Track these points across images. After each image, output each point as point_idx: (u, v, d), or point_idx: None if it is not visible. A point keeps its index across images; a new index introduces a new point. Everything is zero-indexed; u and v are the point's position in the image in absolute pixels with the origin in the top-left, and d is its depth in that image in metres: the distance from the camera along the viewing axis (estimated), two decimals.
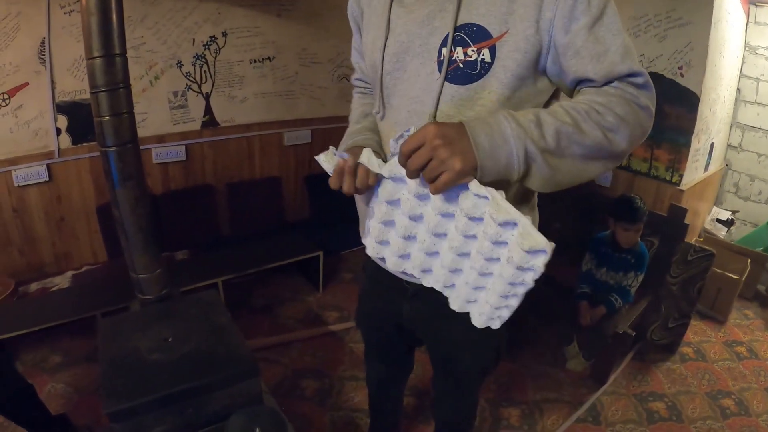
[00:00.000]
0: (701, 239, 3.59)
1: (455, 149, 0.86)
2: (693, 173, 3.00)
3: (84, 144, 3.25)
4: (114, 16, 1.66)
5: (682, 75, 2.72)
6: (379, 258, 1.18)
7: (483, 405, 2.49)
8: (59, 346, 3.05)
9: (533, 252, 0.92)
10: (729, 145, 3.56)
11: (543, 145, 0.90)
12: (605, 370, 2.73)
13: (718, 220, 3.67)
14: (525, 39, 0.96)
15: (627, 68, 0.94)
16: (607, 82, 0.96)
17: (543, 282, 0.99)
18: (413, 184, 0.99)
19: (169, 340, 1.64)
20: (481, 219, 0.96)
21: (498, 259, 0.99)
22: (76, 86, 3.14)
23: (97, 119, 1.74)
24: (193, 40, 3.43)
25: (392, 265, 1.16)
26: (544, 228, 0.95)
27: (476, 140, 0.87)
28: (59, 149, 3.17)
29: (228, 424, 1.57)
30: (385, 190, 1.04)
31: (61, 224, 3.31)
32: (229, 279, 3.11)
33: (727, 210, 3.72)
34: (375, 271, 1.43)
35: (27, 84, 3.01)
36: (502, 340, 1.42)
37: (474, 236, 0.99)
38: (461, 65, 1.00)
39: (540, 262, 0.93)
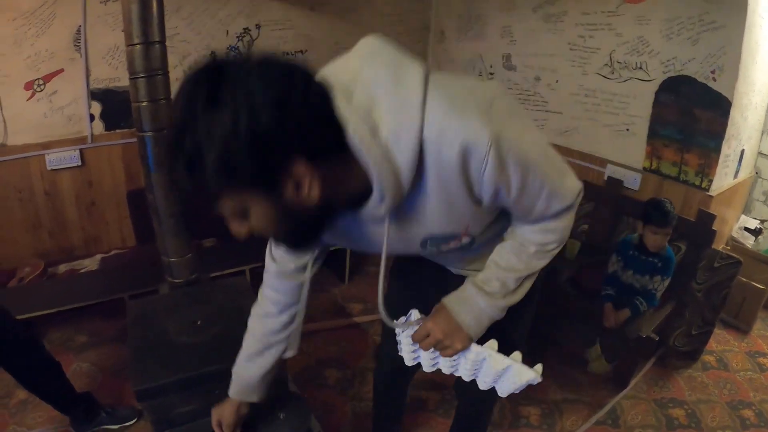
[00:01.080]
0: (728, 247, 3.54)
1: (453, 336, 1.16)
2: (722, 179, 2.96)
3: (117, 130, 3.30)
4: (154, 5, 1.69)
5: (714, 79, 2.68)
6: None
7: (503, 402, 2.49)
8: (86, 326, 3.11)
9: (527, 382, 1.19)
10: (760, 153, 3.50)
11: (511, 299, 1.18)
12: (627, 373, 2.71)
13: (746, 229, 3.61)
14: (479, 213, 1.06)
15: (555, 211, 1.09)
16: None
17: (568, 283, 1.16)
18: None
19: (198, 323, 1.67)
20: (484, 359, 1.21)
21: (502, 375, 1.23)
22: (110, 74, 3.20)
23: (135, 104, 1.78)
24: (227, 31, 3.46)
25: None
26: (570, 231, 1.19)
27: (464, 323, 1.16)
28: (92, 135, 3.23)
29: (253, 406, 1.59)
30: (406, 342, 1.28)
31: (92, 208, 3.37)
32: (256, 267, 3.11)
33: (755, 219, 3.66)
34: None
35: (62, 70, 3.07)
36: (526, 327, 1.53)
37: (481, 366, 1.24)
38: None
39: (533, 381, 1.18)
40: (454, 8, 3.99)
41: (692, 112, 2.78)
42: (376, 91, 0.89)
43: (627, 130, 3.07)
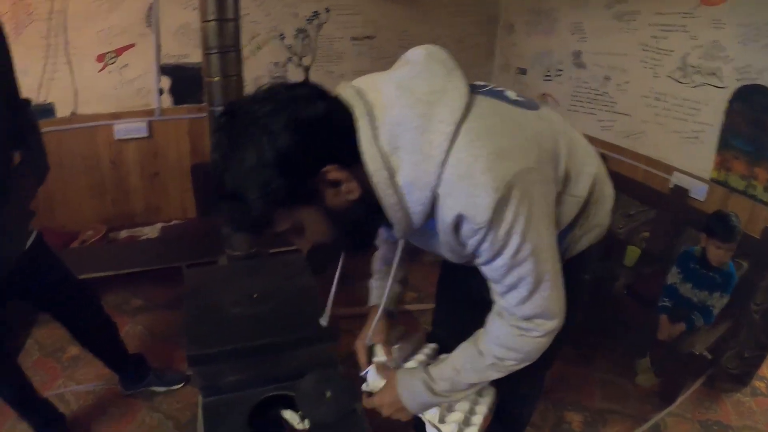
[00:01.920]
0: None
1: (396, 410, 1.25)
2: None
3: (185, 105, 3.39)
4: None
5: None
6: None
7: (548, 405, 2.46)
8: (141, 291, 3.23)
9: None
10: None
11: (458, 395, 1.22)
12: (674, 390, 2.62)
13: None
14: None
15: (521, 313, 1.05)
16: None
17: (625, 290, 1.12)
18: None
19: (255, 296, 1.71)
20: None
21: None
22: (180, 50, 3.28)
23: (207, 79, 1.82)
24: (297, 13, 3.49)
25: None
26: (631, 237, 1.14)
27: (407, 404, 1.22)
28: (160, 108, 3.33)
29: (301, 382, 1.62)
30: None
31: (155, 179, 3.48)
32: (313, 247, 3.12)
33: None
34: None
35: (133, 45, 3.18)
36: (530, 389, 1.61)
37: None
38: None
39: None
40: (524, 1, 3.92)
41: (765, 125, 2.66)
42: (402, 136, 0.90)
43: (696, 137, 2.95)
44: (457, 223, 0.93)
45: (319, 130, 0.86)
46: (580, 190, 1.13)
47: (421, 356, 1.41)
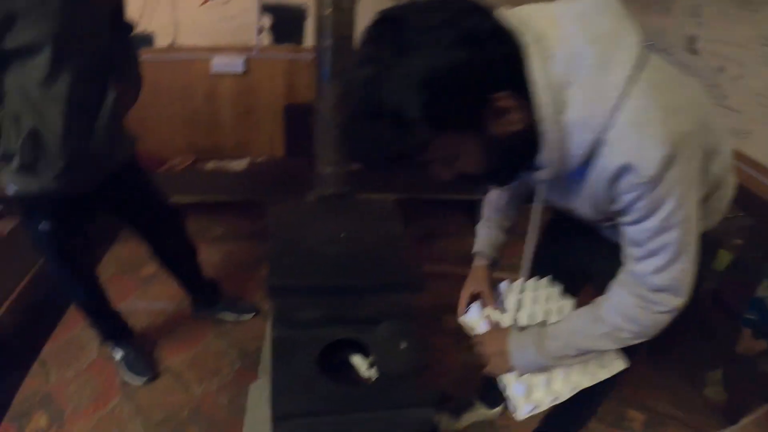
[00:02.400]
0: None
1: (497, 361, 1.23)
2: None
3: (284, 44, 3.37)
4: None
5: None
6: None
7: (611, 399, 2.35)
8: (223, 221, 3.29)
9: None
10: None
11: (564, 361, 1.15)
12: (740, 410, 2.46)
13: None
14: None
15: (652, 283, 0.99)
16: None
17: (709, 295, 1.04)
18: None
19: (342, 236, 1.68)
20: None
21: None
22: None
23: (318, 14, 1.77)
24: None
25: None
26: (723, 241, 1.06)
27: (514, 359, 1.19)
28: (259, 46, 3.32)
29: (377, 330, 1.59)
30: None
31: (247, 116, 3.51)
32: (401, 198, 3.09)
33: None
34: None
35: None
36: None
37: None
38: None
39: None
40: None
41: None
42: (578, 72, 0.83)
43: None
44: (619, 174, 0.86)
45: (493, 49, 0.78)
46: (715, 168, 1.05)
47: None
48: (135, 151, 1.92)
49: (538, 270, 1.63)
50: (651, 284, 0.98)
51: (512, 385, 1.24)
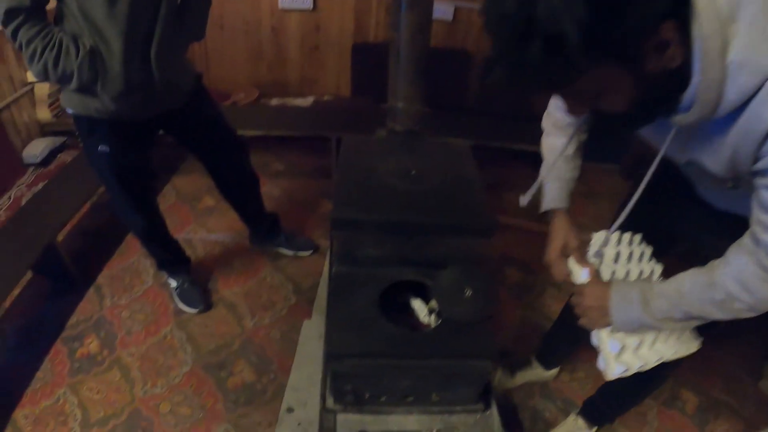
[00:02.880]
0: None
1: (596, 315, 1.13)
2: None
3: None
4: None
5: None
6: None
7: (670, 377, 2.25)
8: (285, 157, 3.27)
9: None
10: None
11: (667, 325, 1.06)
12: None
13: None
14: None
15: None
16: None
17: None
18: None
19: (413, 172, 1.59)
20: None
21: None
22: None
23: None
24: None
25: None
26: None
27: (614, 316, 1.10)
28: None
29: (442, 274, 1.51)
30: None
31: (314, 52, 3.42)
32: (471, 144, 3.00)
33: None
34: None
35: None
36: None
37: None
38: None
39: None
40: None
41: None
42: (745, 8, 0.71)
43: None
44: None
45: None
46: None
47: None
48: (201, 84, 1.88)
49: (624, 226, 1.52)
50: None
51: (607, 341, 1.15)
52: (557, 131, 1.33)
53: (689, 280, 1.00)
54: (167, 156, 3.09)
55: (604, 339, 1.15)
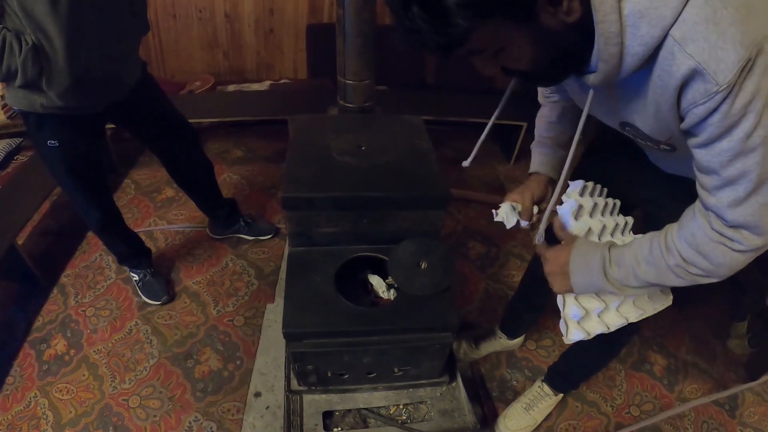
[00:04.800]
0: None
1: (559, 278, 1.13)
2: None
3: None
4: None
5: None
6: None
7: (634, 340, 2.28)
8: (243, 142, 3.23)
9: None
10: None
11: (625, 291, 1.05)
12: (762, 367, 2.36)
13: None
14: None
15: (729, 218, 0.85)
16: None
17: None
18: None
19: (363, 148, 1.57)
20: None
21: None
22: None
23: None
24: None
25: None
26: None
27: (573, 279, 1.10)
28: None
29: (397, 248, 1.50)
30: None
31: (269, 36, 3.37)
32: (427, 120, 3.00)
33: None
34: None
35: None
36: None
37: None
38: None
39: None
40: None
41: None
42: None
43: None
44: (687, 80, 0.73)
45: None
46: None
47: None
48: (147, 73, 1.85)
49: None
50: (729, 219, 0.84)
51: (570, 306, 1.16)
52: (544, 100, 1.34)
53: (646, 245, 0.99)
54: (125, 150, 3.04)
55: (567, 303, 1.16)
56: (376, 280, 1.61)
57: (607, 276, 1.03)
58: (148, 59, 3.18)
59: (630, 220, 1.26)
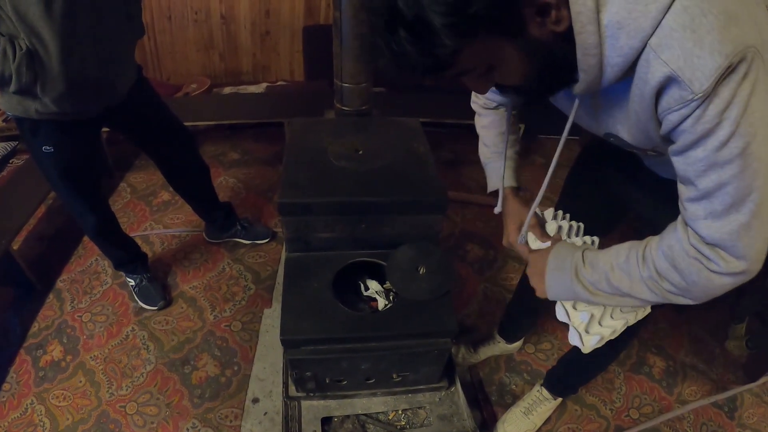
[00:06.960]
0: None
1: (537, 282, 1.13)
2: None
3: None
4: None
5: None
6: None
7: (635, 343, 2.28)
8: (240, 145, 3.21)
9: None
10: None
11: (597, 299, 1.02)
12: (761, 368, 2.35)
13: None
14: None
15: (703, 233, 0.82)
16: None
17: None
18: None
19: (360, 151, 1.56)
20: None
21: None
22: None
23: None
24: None
25: None
26: None
27: (548, 283, 1.09)
28: None
29: (395, 252, 1.49)
30: None
31: (266, 38, 3.36)
32: (424, 122, 2.99)
33: None
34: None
35: None
36: None
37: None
38: None
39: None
40: None
41: None
42: None
43: None
44: (663, 87, 0.72)
45: None
46: None
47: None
48: (142, 76, 1.83)
49: (571, 200, 1.51)
50: (704, 235, 0.81)
51: (576, 315, 1.14)
52: (487, 112, 1.31)
53: (624, 252, 0.97)
54: (121, 153, 3.02)
55: (572, 313, 1.14)
56: (374, 286, 1.60)
57: (578, 276, 1.02)
58: (143, 61, 3.16)
59: (596, 239, 1.25)
